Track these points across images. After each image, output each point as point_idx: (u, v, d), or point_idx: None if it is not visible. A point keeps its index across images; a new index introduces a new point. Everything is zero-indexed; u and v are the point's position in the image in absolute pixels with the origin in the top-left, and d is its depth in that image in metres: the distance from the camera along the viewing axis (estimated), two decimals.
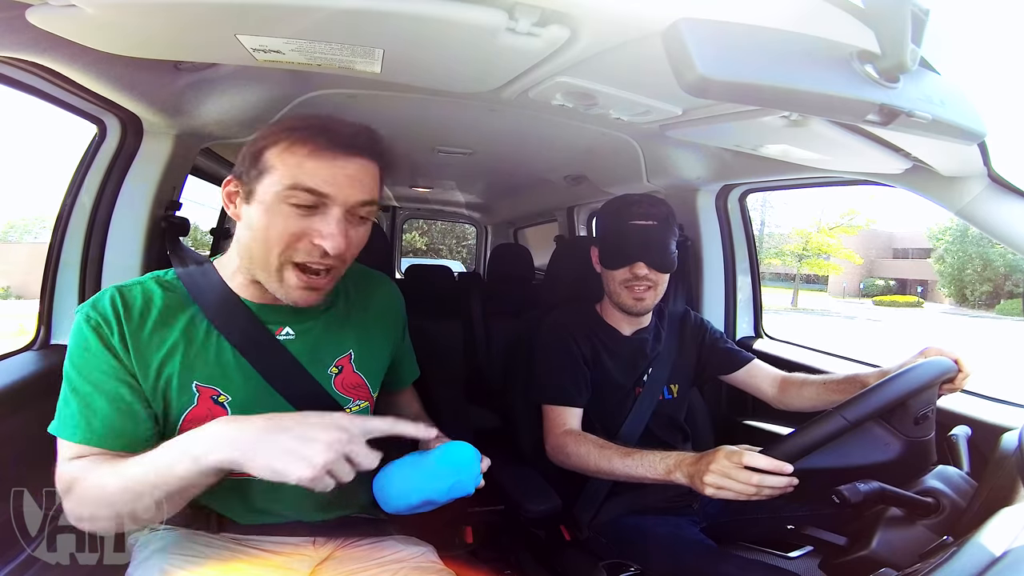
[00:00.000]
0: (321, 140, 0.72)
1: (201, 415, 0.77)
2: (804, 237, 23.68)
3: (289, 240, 0.73)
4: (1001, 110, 0.72)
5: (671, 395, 1.30)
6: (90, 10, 0.64)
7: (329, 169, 0.72)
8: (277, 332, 0.83)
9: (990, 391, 1.15)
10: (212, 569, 0.80)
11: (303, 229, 0.73)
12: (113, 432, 0.73)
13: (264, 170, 0.73)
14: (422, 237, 18.30)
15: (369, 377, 0.92)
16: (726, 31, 0.51)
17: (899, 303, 25.04)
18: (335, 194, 0.72)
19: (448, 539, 1.05)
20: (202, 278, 0.82)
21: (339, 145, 0.73)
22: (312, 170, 0.71)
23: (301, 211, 0.72)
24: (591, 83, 0.91)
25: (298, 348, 0.84)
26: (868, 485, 0.77)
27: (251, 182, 0.74)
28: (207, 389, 0.78)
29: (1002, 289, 23.59)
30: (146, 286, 0.80)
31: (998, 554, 0.59)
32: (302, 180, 0.71)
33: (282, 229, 0.72)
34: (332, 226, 0.73)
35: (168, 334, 0.77)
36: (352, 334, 0.90)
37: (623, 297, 1.24)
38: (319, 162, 0.72)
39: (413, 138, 1.74)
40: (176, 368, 0.77)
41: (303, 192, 0.71)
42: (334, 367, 0.87)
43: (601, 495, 1.19)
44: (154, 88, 1.00)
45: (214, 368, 0.79)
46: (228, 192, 0.78)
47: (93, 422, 0.73)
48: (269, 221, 0.73)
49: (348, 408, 0.88)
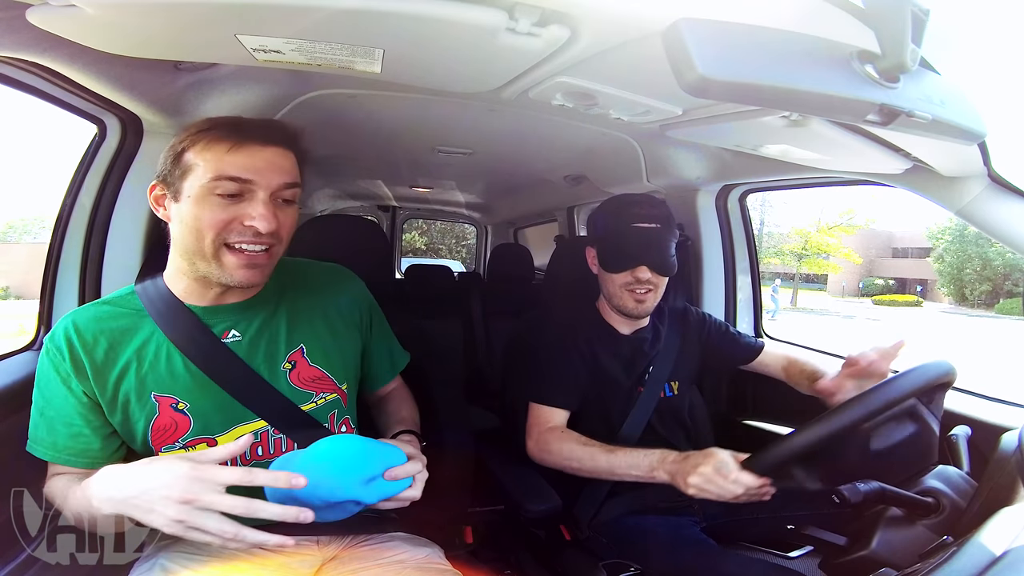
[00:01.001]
0: (237, 134, 0.78)
1: (166, 424, 0.82)
2: (803, 236, 23.71)
3: (221, 226, 0.78)
4: (1001, 110, 0.72)
5: (672, 392, 1.29)
6: (90, 10, 0.63)
7: (249, 158, 0.78)
8: (224, 336, 0.86)
9: (991, 391, 1.15)
10: (216, 568, 0.80)
11: (233, 215, 0.78)
12: (74, 452, 0.81)
13: (187, 168, 0.78)
14: (421, 237, 18.29)
15: (330, 369, 0.93)
16: (726, 31, 0.51)
17: (898, 302, 25.06)
18: (258, 179, 0.78)
19: (448, 539, 1.05)
20: (153, 290, 0.87)
21: (255, 136, 0.79)
22: (233, 161, 0.77)
23: (228, 199, 0.77)
24: (591, 83, 0.91)
25: (245, 349, 0.87)
26: (868, 485, 0.78)
27: (176, 182, 0.79)
28: (165, 398, 0.82)
29: (1001, 288, 23.62)
30: (100, 309, 0.85)
31: (998, 554, 0.59)
32: (225, 170, 0.76)
33: (213, 217, 0.77)
34: (260, 207, 0.78)
35: (122, 352, 0.82)
36: (301, 328, 0.92)
37: (624, 300, 1.23)
38: (238, 153, 0.77)
39: (413, 138, 1.74)
40: (132, 383, 0.81)
41: (227, 181, 0.77)
42: (287, 363, 0.89)
43: (601, 495, 1.19)
44: (154, 88, 1.00)
45: (168, 378, 0.83)
46: (156, 196, 0.82)
47: (57, 443, 0.81)
48: (199, 211, 0.77)
49: (314, 402, 0.90)
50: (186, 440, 0.83)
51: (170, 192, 0.80)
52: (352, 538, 0.93)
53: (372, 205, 3.98)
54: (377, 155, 2.09)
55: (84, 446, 0.81)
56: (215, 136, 0.78)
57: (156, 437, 0.82)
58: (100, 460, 0.81)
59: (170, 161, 0.80)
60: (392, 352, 1.09)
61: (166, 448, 0.82)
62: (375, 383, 1.07)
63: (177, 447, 0.83)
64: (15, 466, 0.91)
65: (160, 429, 0.81)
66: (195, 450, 0.82)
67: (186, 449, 0.83)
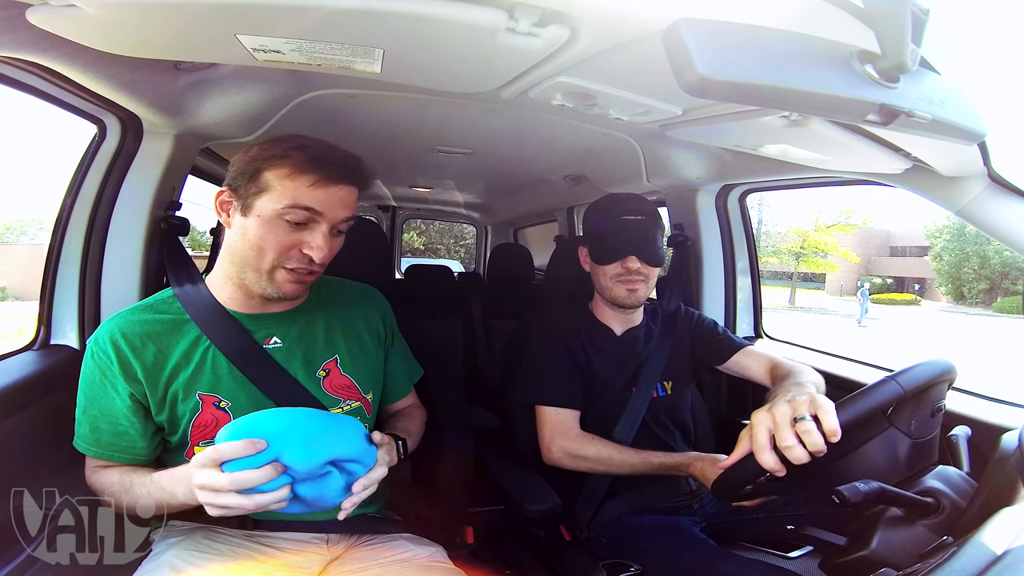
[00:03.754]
0: (322, 171, 0.82)
1: (207, 420, 0.87)
2: (801, 235, 23.74)
3: (282, 250, 0.84)
4: (1001, 110, 0.72)
5: (665, 392, 1.30)
6: (90, 10, 0.63)
7: (325, 195, 0.83)
8: (265, 342, 0.93)
9: (991, 390, 1.15)
10: (225, 566, 0.82)
11: (294, 241, 0.84)
12: (118, 449, 0.87)
13: (264, 189, 0.82)
14: (420, 237, 18.28)
15: (358, 379, 0.99)
16: (726, 31, 0.51)
17: (897, 301, 25.09)
18: (327, 213, 0.84)
19: (449, 539, 1.06)
20: (196, 296, 0.93)
21: (336, 176, 0.84)
22: (311, 195, 0.82)
23: (293, 227, 0.83)
24: (591, 83, 0.91)
25: (284, 355, 0.93)
26: (868, 485, 0.77)
27: (248, 197, 0.83)
28: (209, 397, 0.88)
29: (999, 287, 23.66)
30: (143, 315, 0.90)
31: (998, 554, 0.59)
32: (301, 201, 0.82)
33: (277, 240, 0.83)
34: (320, 240, 0.84)
35: (170, 355, 0.87)
36: (337, 340, 0.99)
37: (616, 290, 1.24)
38: (318, 189, 0.82)
39: (412, 138, 1.73)
40: (180, 383, 0.87)
41: (301, 211, 0.82)
42: (322, 370, 0.96)
43: (600, 495, 1.19)
44: (154, 88, 1.00)
45: (213, 378, 0.88)
46: (222, 201, 0.87)
47: (101, 440, 0.87)
48: (265, 233, 0.83)
49: (340, 407, 0.96)
50: None
51: (239, 203, 0.85)
52: (358, 538, 0.96)
53: (372, 205, 3.98)
54: (377, 155, 2.09)
55: (127, 443, 0.87)
56: (300, 167, 0.82)
57: (196, 432, 0.87)
58: (142, 456, 0.88)
59: (246, 176, 0.83)
60: (408, 367, 1.13)
61: (204, 443, 0.87)
62: (391, 397, 1.11)
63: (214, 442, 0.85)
64: (15, 466, 0.92)
65: (201, 425, 0.87)
66: None
67: None
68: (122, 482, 0.85)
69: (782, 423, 0.78)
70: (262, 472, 0.71)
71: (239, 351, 0.89)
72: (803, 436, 0.75)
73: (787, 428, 0.77)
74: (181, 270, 1.01)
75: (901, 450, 0.86)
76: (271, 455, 0.72)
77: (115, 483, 0.85)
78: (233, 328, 0.90)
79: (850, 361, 1.51)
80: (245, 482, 0.70)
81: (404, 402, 1.13)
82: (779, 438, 0.77)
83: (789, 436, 0.76)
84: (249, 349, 0.90)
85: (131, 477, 0.85)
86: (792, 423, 0.77)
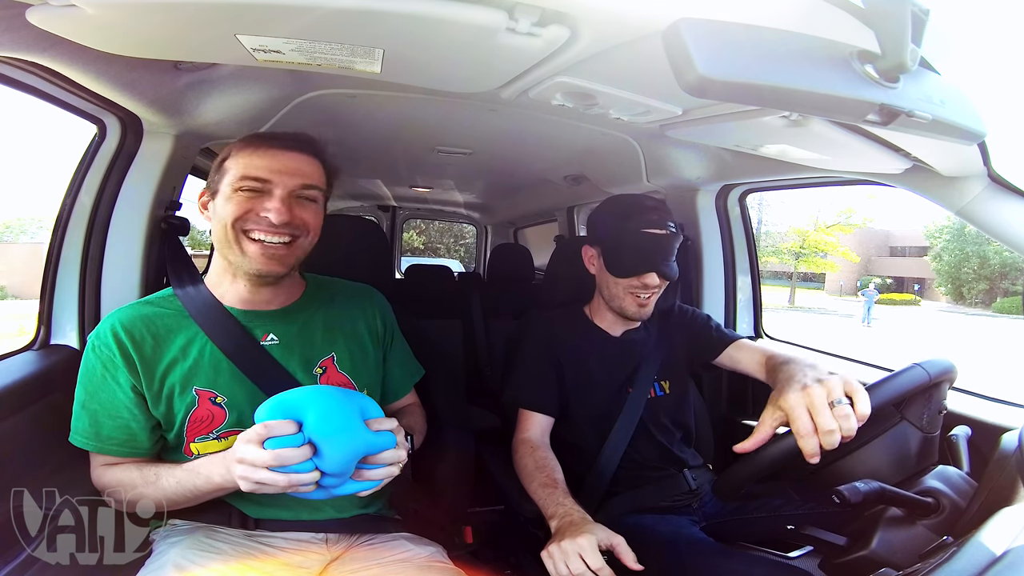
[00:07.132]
0: (268, 142, 0.90)
1: (203, 415, 0.88)
2: (801, 235, 23.73)
3: (240, 215, 0.87)
4: (1001, 110, 0.72)
5: (663, 392, 1.29)
6: (90, 10, 0.63)
7: (269, 161, 0.88)
8: (263, 339, 0.94)
9: (991, 390, 1.15)
10: (227, 564, 0.83)
11: (251, 207, 0.87)
12: (119, 442, 0.88)
13: (223, 172, 0.89)
14: (419, 236, 18.28)
15: (356, 377, 0.99)
16: (726, 31, 0.51)
17: (896, 301, 25.09)
18: (275, 179, 0.88)
19: (449, 539, 1.06)
20: (196, 294, 0.95)
21: (281, 143, 0.90)
22: (255, 163, 0.88)
23: (250, 195, 0.87)
24: (591, 83, 0.91)
25: (281, 352, 0.94)
26: (868, 485, 0.77)
27: (215, 185, 0.90)
28: (206, 392, 0.89)
29: (998, 287, 23.66)
30: (143, 309, 0.92)
31: (998, 554, 0.59)
32: (248, 171, 0.87)
33: (234, 208, 0.87)
34: (275, 203, 0.87)
35: (167, 349, 0.89)
36: (335, 338, 1.00)
37: (626, 303, 1.23)
38: (260, 157, 0.88)
39: (412, 138, 1.73)
40: (177, 378, 0.88)
41: (251, 180, 0.87)
42: (319, 367, 0.97)
43: (599, 494, 1.19)
44: (154, 88, 1.00)
45: (210, 373, 0.89)
46: (202, 201, 0.94)
47: (101, 433, 0.87)
48: (225, 205, 0.88)
49: None
50: (220, 431, 0.89)
51: (210, 194, 0.91)
52: (358, 537, 0.96)
53: (372, 205, 3.98)
54: (377, 155, 2.09)
55: (128, 436, 0.88)
56: (249, 143, 0.90)
57: (192, 427, 0.88)
58: (143, 449, 0.89)
59: (215, 170, 0.91)
60: (408, 366, 1.14)
61: (200, 439, 0.88)
62: (392, 396, 1.11)
63: (211, 438, 0.89)
64: (15, 466, 0.92)
65: (197, 420, 0.88)
66: (228, 441, 0.86)
67: (219, 440, 0.88)
68: (144, 475, 0.86)
69: (821, 406, 0.73)
70: (301, 451, 0.73)
71: (236, 347, 0.91)
72: (840, 420, 0.71)
73: (827, 410, 0.72)
74: (181, 270, 1.01)
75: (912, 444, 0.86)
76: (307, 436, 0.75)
77: (134, 477, 0.86)
78: (231, 324, 0.92)
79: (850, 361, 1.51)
80: (286, 459, 0.73)
81: (404, 401, 1.13)
82: (821, 422, 0.72)
83: (831, 419, 0.71)
84: (246, 345, 0.91)
85: (155, 469, 0.86)
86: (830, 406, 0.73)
